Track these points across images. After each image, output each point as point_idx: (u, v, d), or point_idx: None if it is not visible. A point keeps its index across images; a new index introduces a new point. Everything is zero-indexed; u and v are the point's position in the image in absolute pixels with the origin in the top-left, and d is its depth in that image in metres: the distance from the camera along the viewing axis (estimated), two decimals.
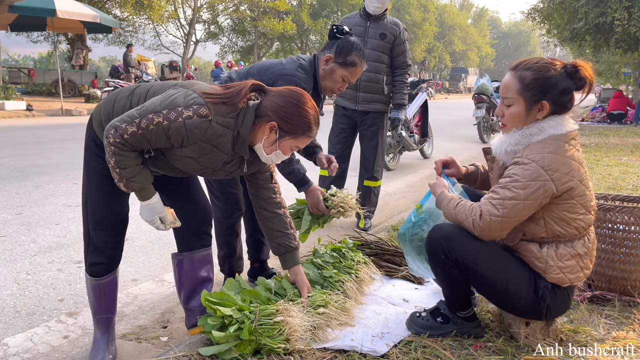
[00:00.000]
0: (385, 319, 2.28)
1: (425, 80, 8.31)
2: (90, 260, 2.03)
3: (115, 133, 1.71)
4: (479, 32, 55.57)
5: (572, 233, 1.89)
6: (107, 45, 27.13)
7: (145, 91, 1.90)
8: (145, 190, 1.83)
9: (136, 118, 1.72)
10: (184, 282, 2.16)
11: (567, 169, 1.82)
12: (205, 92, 1.77)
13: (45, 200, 4.65)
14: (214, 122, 1.75)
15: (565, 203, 1.85)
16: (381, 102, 3.97)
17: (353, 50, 2.52)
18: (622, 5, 13.21)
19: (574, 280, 1.93)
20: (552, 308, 1.96)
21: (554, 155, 1.82)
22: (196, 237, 2.13)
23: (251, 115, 1.84)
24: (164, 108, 1.72)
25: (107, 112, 1.89)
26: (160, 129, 1.72)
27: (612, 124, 15.12)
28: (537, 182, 1.80)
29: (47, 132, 9.71)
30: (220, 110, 1.77)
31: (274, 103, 1.84)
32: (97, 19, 14.31)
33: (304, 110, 1.86)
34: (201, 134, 1.75)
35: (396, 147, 6.91)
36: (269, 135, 1.85)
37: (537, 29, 20.37)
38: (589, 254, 1.95)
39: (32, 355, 2.16)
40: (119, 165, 1.75)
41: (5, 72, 17.86)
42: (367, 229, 3.89)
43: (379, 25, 3.87)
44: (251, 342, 1.91)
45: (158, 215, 1.87)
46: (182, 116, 1.71)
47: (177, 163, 1.88)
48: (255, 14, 28.65)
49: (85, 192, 1.99)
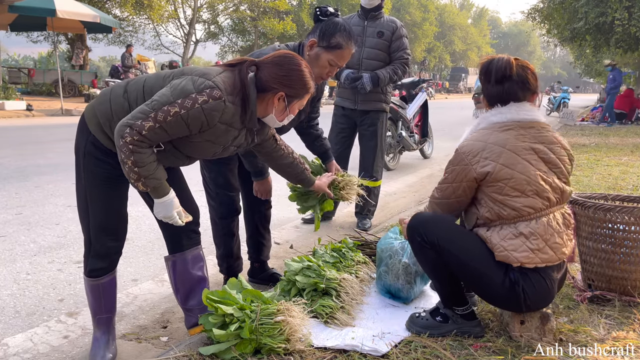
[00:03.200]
0: (386, 319, 2.28)
1: (425, 80, 8.31)
2: (90, 267, 2.03)
3: (132, 131, 1.70)
4: (479, 32, 55.57)
5: (512, 214, 1.96)
6: (107, 45, 27.15)
7: (140, 86, 1.89)
8: (162, 186, 1.84)
9: (150, 112, 1.73)
10: (180, 283, 2.17)
11: (487, 154, 1.96)
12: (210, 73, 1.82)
13: (45, 200, 4.65)
14: (227, 101, 1.79)
15: (492, 186, 1.97)
16: (381, 101, 3.97)
17: (337, 31, 2.36)
18: (622, 5, 13.21)
19: (522, 260, 1.93)
20: (530, 295, 1.96)
21: (476, 142, 2.01)
22: (186, 237, 2.13)
23: (253, 89, 1.88)
24: (177, 98, 1.74)
25: (104, 113, 1.87)
26: (179, 118, 1.74)
27: (613, 123, 15.12)
28: (459, 166, 2.02)
29: (47, 132, 9.71)
30: (229, 89, 1.81)
31: (275, 74, 1.89)
32: (97, 19, 14.31)
33: (302, 72, 1.93)
34: (219, 115, 1.80)
35: (396, 147, 6.91)
36: (278, 104, 1.93)
37: (537, 28, 20.38)
38: (539, 236, 1.94)
39: (32, 355, 2.16)
40: (137, 165, 1.74)
41: (5, 72, 17.86)
42: (367, 229, 3.89)
43: (376, 24, 3.88)
44: (251, 341, 1.91)
45: (176, 210, 1.89)
46: (198, 102, 1.74)
47: (190, 151, 1.92)
48: (255, 14, 28.66)
49: (85, 198, 1.97)
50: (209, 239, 2.81)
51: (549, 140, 2.03)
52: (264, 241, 2.89)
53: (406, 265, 2.41)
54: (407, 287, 2.42)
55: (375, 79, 3.79)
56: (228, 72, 1.87)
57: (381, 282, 2.52)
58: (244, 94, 1.85)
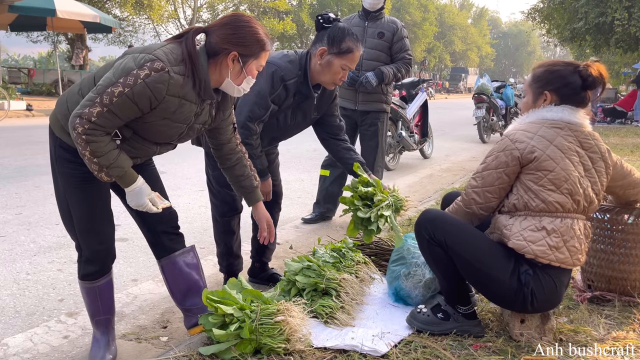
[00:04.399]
0: (386, 319, 2.28)
1: (425, 80, 8.31)
2: (83, 271, 2.03)
3: (82, 120, 1.65)
4: (479, 32, 55.54)
5: (541, 206, 1.96)
6: (107, 45, 27.13)
7: (91, 79, 1.84)
8: (127, 174, 1.78)
9: (96, 98, 1.66)
10: (174, 285, 2.16)
11: (535, 142, 1.98)
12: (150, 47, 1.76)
13: (45, 200, 4.65)
14: (171, 72, 1.71)
15: (532, 173, 1.98)
16: (381, 101, 3.97)
17: (346, 36, 2.41)
18: (622, 5, 13.21)
19: (538, 253, 1.93)
20: (538, 296, 1.95)
21: (525, 131, 2.02)
22: (168, 240, 2.11)
23: (204, 57, 1.80)
24: (119, 77, 1.68)
25: (64, 114, 1.84)
26: (124, 97, 1.66)
27: (613, 123, 15.11)
28: (504, 152, 2.01)
29: (47, 132, 9.69)
30: (172, 59, 1.74)
31: (223, 34, 1.81)
32: (97, 19, 14.30)
33: (252, 28, 1.83)
34: (165, 88, 1.71)
35: (396, 147, 6.91)
36: (232, 66, 1.83)
37: (537, 29, 20.36)
38: (560, 235, 1.94)
39: (32, 355, 2.16)
40: (95, 154, 1.69)
41: (5, 72, 17.86)
42: None
43: (377, 24, 3.89)
44: (251, 341, 1.91)
45: (147, 197, 1.83)
46: (140, 77, 1.67)
47: (152, 135, 1.84)
48: (255, 14, 28.66)
49: (65, 203, 1.94)
50: (209, 238, 2.81)
51: (593, 149, 2.04)
52: (268, 244, 2.90)
53: (429, 281, 2.36)
54: (419, 299, 2.37)
55: (379, 75, 3.79)
56: (173, 43, 1.80)
57: (396, 281, 2.44)
58: (192, 62, 1.76)
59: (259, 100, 2.42)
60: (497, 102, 10.80)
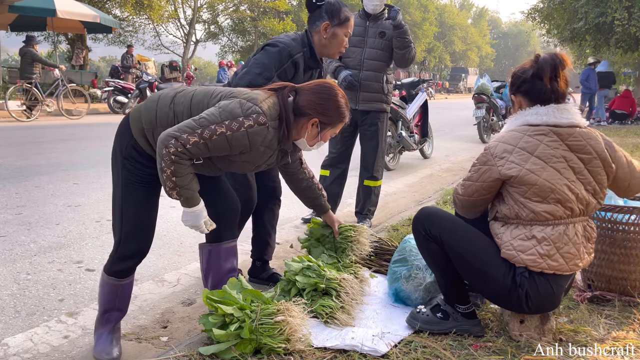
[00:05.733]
0: (386, 319, 2.28)
1: (425, 80, 8.31)
2: (115, 268, 2.07)
3: (177, 143, 1.78)
4: (479, 32, 55.52)
5: (530, 216, 1.96)
6: (107, 45, 27.11)
7: (187, 100, 1.97)
8: (194, 197, 1.91)
9: (197, 129, 1.81)
10: (212, 272, 2.28)
11: (514, 158, 1.94)
12: (257, 99, 1.91)
13: (45, 200, 4.65)
14: (270, 127, 1.88)
15: (517, 187, 1.96)
16: (381, 101, 3.97)
17: (341, 7, 2.69)
18: (622, 5, 13.21)
19: (528, 263, 1.93)
20: (533, 297, 1.95)
21: (505, 143, 1.98)
22: (228, 229, 2.25)
23: (292, 114, 1.99)
24: (225, 119, 1.84)
25: (149, 121, 1.95)
26: (224, 138, 1.83)
27: (613, 123, 15.12)
28: (485, 166, 2.00)
29: (47, 132, 9.71)
30: (274, 115, 1.91)
31: (311, 101, 2.00)
32: (97, 19, 14.30)
33: (337, 102, 2.04)
34: (261, 140, 1.89)
35: (396, 147, 6.91)
36: (311, 130, 2.04)
37: (537, 29, 20.36)
38: (552, 243, 1.92)
39: (32, 355, 2.16)
40: (176, 174, 1.82)
41: (5, 72, 17.85)
42: None
43: (377, 24, 3.89)
44: (252, 341, 1.91)
45: (203, 219, 1.96)
46: (244, 126, 1.84)
47: (225, 167, 2.03)
48: (255, 14, 28.64)
49: (120, 199, 2.01)
50: None
51: (584, 150, 1.95)
52: (269, 240, 2.92)
53: (430, 285, 2.37)
54: (419, 302, 2.37)
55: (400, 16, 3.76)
56: (273, 97, 1.96)
57: (397, 282, 2.44)
58: (284, 119, 1.94)
59: (264, 71, 2.54)
60: (497, 102, 10.80)
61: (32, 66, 12.03)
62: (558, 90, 1.99)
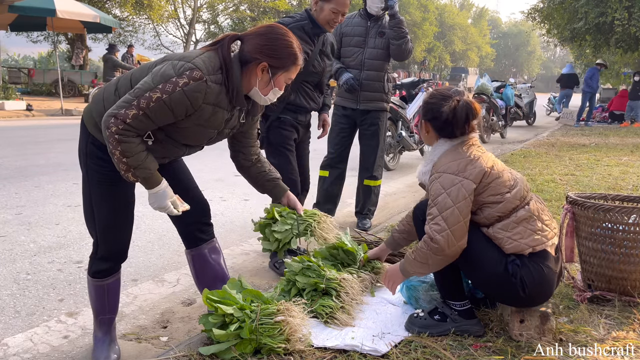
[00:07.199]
0: (386, 319, 2.28)
1: (426, 80, 8.30)
2: (95, 268, 2.04)
3: (116, 120, 1.69)
4: (479, 32, 55.49)
5: (508, 207, 2.03)
6: (107, 45, 27.09)
7: (128, 80, 1.88)
8: (153, 176, 1.82)
9: (133, 100, 1.71)
10: (201, 275, 2.26)
11: (473, 163, 2.03)
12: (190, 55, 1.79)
13: (45, 200, 4.65)
14: (209, 81, 1.76)
15: (485, 191, 2.02)
16: (382, 100, 3.98)
17: None
18: (622, 5, 13.20)
19: (532, 244, 2.00)
20: (529, 285, 1.97)
21: (455, 160, 2.05)
22: (199, 231, 2.20)
23: (237, 64, 1.84)
24: (158, 83, 1.72)
25: (99, 112, 1.86)
26: (161, 103, 1.72)
27: (613, 123, 15.11)
28: (455, 185, 1.99)
29: (47, 132, 9.71)
30: (210, 68, 1.77)
31: (257, 44, 1.84)
32: (97, 19, 14.30)
33: (287, 41, 1.87)
34: (202, 97, 1.76)
35: (396, 147, 6.90)
36: (261, 76, 1.87)
37: (537, 29, 20.35)
38: (536, 217, 2.05)
39: (32, 355, 2.16)
40: (125, 155, 1.73)
41: (5, 72, 17.85)
42: (367, 229, 3.89)
43: (379, 24, 3.89)
44: (251, 341, 1.91)
45: (169, 199, 1.87)
46: (179, 85, 1.71)
47: (184, 138, 1.89)
48: (255, 14, 28.64)
49: (90, 200, 1.96)
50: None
51: None
52: None
53: None
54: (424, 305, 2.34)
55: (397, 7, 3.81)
56: (210, 51, 1.83)
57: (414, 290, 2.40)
58: (226, 70, 1.80)
59: None
60: (497, 102, 10.80)
61: (113, 70, 13.77)
62: (465, 132, 2.13)
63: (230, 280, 2.17)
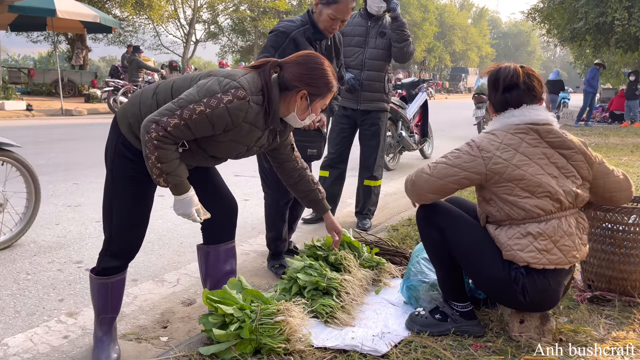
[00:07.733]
0: (386, 319, 2.28)
1: (426, 80, 8.30)
2: (104, 265, 2.05)
3: (157, 127, 1.74)
4: (479, 32, 55.47)
5: (522, 214, 1.97)
6: (107, 45, 27.12)
7: (169, 87, 1.94)
8: (183, 183, 1.87)
9: (176, 110, 1.77)
10: (210, 273, 2.27)
11: (500, 152, 1.96)
12: (235, 74, 1.87)
13: (45, 200, 4.64)
14: (251, 101, 1.84)
15: (502, 186, 1.97)
16: (383, 100, 3.98)
17: None
18: (622, 5, 13.21)
19: (529, 260, 1.94)
20: (530, 293, 1.96)
21: (491, 139, 2.00)
22: (226, 231, 2.25)
23: (276, 89, 1.93)
24: (202, 97, 1.79)
25: (134, 114, 1.92)
26: (204, 116, 1.78)
27: (613, 123, 15.11)
28: (469, 155, 1.99)
29: (47, 132, 9.71)
30: (254, 89, 1.85)
31: (296, 73, 1.93)
32: (97, 19, 14.30)
33: (323, 70, 1.96)
34: (243, 115, 1.84)
35: (396, 147, 6.90)
36: (300, 103, 1.96)
37: (537, 29, 20.37)
38: (547, 237, 1.94)
39: (32, 355, 2.16)
40: (160, 160, 1.78)
41: (5, 72, 17.85)
42: (367, 229, 3.89)
43: (379, 24, 3.89)
44: (251, 341, 1.91)
45: (194, 207, 1.92)
46: (223, 102, 1.78)
47: (214, 150, 1.96)
48: (255, 14, 28.65)
49: (110, 197, 2.00)
50: None
51: (565, 145, 2.01)
52: (293, 226, 3.27)
53: None
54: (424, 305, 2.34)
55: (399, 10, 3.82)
56: (253, 73, 1.92)
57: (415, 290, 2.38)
58: (267, 94, 1.89)
59: (263, 53, 2.78)
60: None
61: (138, 71, 14.25)
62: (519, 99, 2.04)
63: (230, 280, 2.18)
